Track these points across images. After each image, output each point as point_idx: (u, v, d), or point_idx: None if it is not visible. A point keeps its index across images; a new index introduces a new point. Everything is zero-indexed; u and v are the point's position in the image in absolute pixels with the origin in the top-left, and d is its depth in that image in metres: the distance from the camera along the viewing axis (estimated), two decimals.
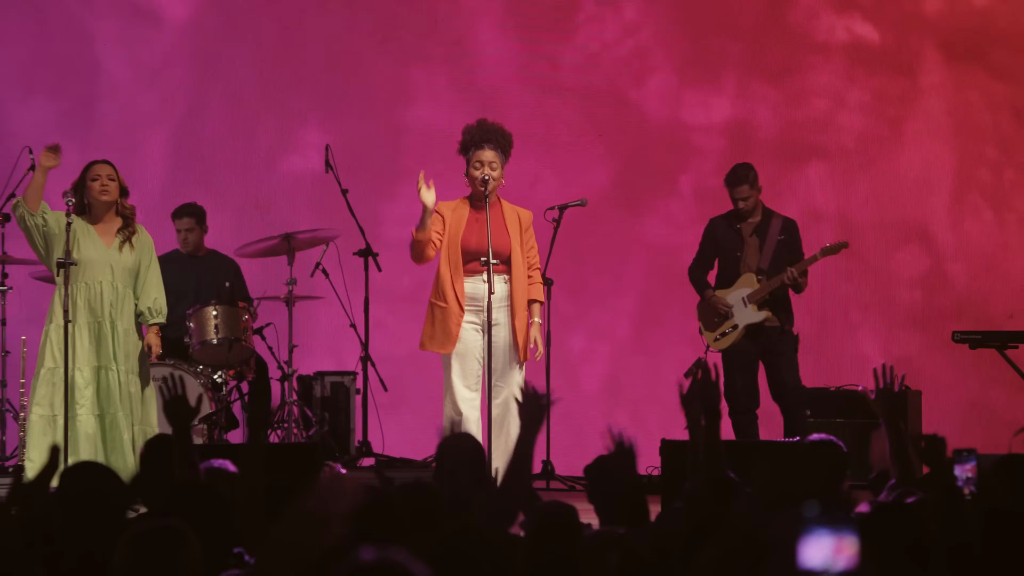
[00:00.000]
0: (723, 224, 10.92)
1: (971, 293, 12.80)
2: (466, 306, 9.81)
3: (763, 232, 10.75)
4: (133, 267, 9.88)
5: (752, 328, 10.71)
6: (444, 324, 9.73)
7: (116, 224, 9.86)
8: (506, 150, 9.90)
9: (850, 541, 3.23)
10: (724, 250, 10.90)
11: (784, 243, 10.76)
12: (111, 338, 9.75)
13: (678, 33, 13.42)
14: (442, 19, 13.43)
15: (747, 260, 10.75)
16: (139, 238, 9.94)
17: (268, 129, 13.37)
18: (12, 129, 13.02)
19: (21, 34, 13.32)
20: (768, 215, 10.85)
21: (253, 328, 11.26)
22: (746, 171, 10.89)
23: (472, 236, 9.79)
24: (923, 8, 13.16)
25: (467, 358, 9.76)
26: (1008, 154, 13.14)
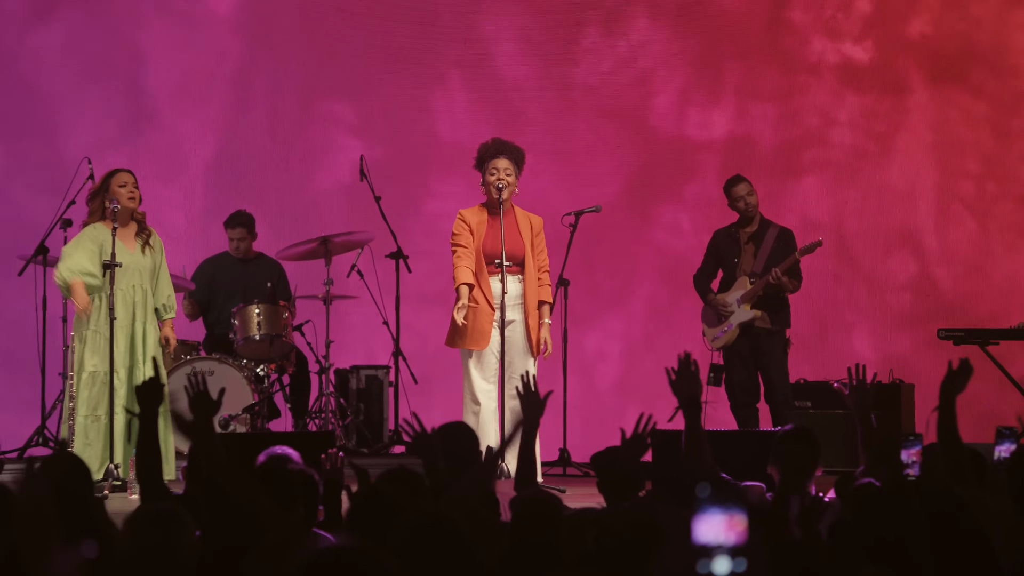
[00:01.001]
0: (723, 234, 11.14)
1: (956, 295, 12.97)
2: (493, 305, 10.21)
3: (759, 239, 10.94)
4: (152, 269, 10.09)
5: (745, 326, 10.86)
6: (477, 322, 9.95)
7: (133, 229, 10.05)
8: (519, 162, 10.14)
9: (739, 519, 3.27)
10: (723, 257, 11.09)
11: (779, 249, 10.95)
12: (142, 339, 9.99)
13: (682, 56, 13.52)
14: (467, 42, 13.44)
15: (743, 265, 10.97)
16: (155, 240, 10.15)
17: (306, 140, 13.45)
18: (68, 137, 13.09)
19: (76, 45, 13.27)
20: (765, 224, 11.02)
21: (293, 325, 11.47)
22: (739, 176, 11.15)
23: (489, 241, 10.03)
24: (908, 32, 13.25)
25: (484, 353, 9.98)
26: (988, 168, 13.25)
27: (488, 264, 10.06)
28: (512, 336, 9.98)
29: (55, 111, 13.40)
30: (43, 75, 13.42)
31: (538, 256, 10.24)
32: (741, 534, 3.24)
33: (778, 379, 10.64)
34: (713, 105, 13.47)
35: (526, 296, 10.07)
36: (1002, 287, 13.00)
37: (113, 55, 13.43)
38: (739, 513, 3.25)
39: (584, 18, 13.58)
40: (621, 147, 13.54)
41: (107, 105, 13.40)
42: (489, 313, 9.99)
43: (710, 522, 3.21)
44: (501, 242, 9.96)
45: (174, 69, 13.53)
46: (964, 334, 11.12)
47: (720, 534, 3.22)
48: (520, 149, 10.23)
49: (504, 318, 9.98)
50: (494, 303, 10.02)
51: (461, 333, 10.03)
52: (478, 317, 9.98)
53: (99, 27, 13.40)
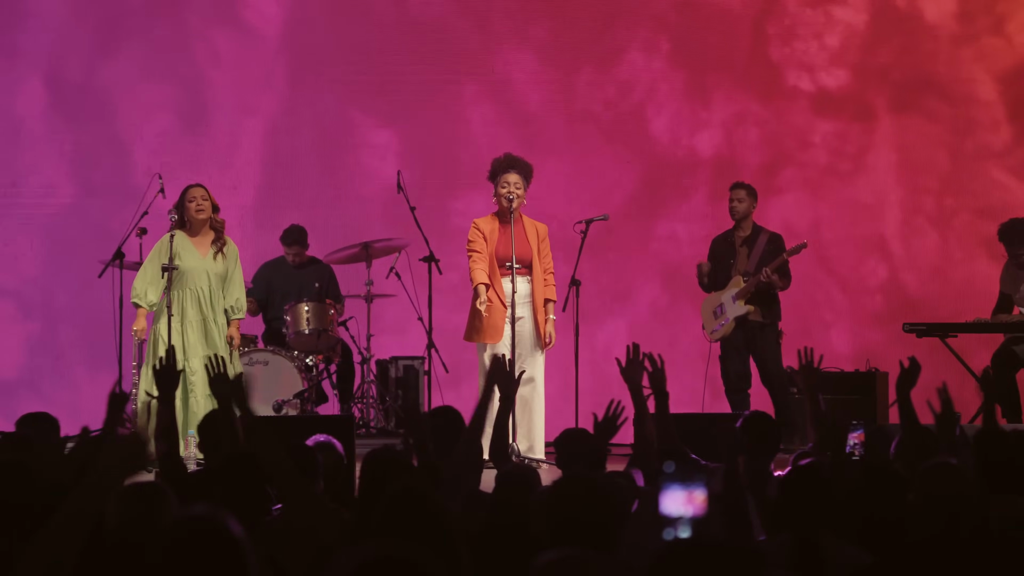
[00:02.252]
0: (720, 239, 11.48)
1: (921, 296, 13.11)
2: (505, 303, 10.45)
3: (751, 243, 11.28)
4: (224, 273, 10.44)
5: (739, 320, 11.17)
6: (491, 319, 10.29)
7: (210, 237, 10.43)
8: (527, 176, 10.46)
9: (700, 493, 3.39)
10: (720, 259, 11.41)
11: (769, 252, 11.26)
12: (216, 331, 10.39)
13: (674, 86, 13.62)
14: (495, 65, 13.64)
15: (737, 265, 11.29)
16: (228, 248, 10.51)
17: (349, 157, 13.57)
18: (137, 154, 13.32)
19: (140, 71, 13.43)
20: (757, 230, 11.34)
21: (339, 321, 11.83)
22: (738, 183, 11.56)
23: (501, 246, 10.38)
24: (873, 64, 13.42)
25: (498, 346, 10.30)
26: (946, 185, 13.41)
27: (500, 267, 10.37)
28: (522, 331, 10.30)
29: (124, 129, 13.41)
30: (112, 98, 13.40)
31: (544, 259, 10.50)
32: (701, 506, 3.39)
33: (773, 367, 10.95)
34: (703, 129, 13.60)
35: (534, 295, 10.36)
36: (960, 289, 13.05)
37: (173, 77, 13.45)
38: (700, 488, 3.39)
39: (591, 53, 13.62)
40: (622, 164, 13.58)
41: (169, 122, 13.46)
42: (502, 310, 10.31)
43: (674, 495, 3.36)
44: (512, 247, 10.28)
45: (227, 91, 13.56)
46: (926, 328, 11.28)
47: (682, 506, 3.37)
48: (529, 164, 10.51)
49: (515, 315, 10.30)
50: (506, 301, 10.34)
51: (477, 328, 10.34)
52: (492, 314, 10.29)
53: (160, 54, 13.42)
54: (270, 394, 11.18)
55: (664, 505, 3.39)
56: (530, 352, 10.38)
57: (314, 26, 13.56)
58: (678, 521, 3.36)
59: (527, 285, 10.37)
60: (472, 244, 10.50)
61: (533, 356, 10.39)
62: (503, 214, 10.34)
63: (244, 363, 11.11)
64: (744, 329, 11.20)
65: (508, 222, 10.31)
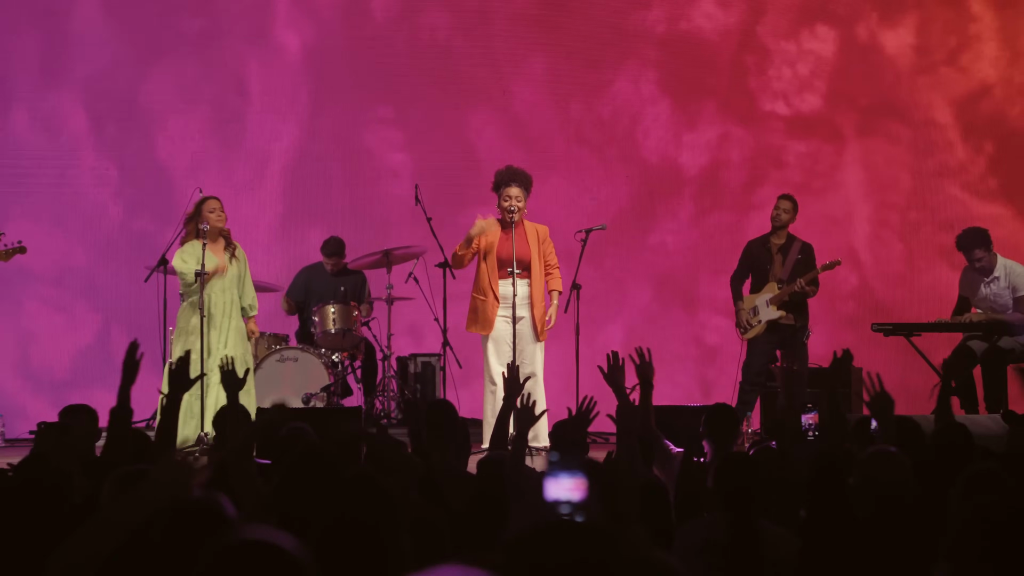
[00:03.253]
0: (757, 243, 11.42)
1: (888, 301, 13.32)
2: (500, 301, 10.51)
3: (786, 251, 11.28)
4: (238, 276, 10.69)
5: (772, 323, 11.16)
6: (484, 312, 10.48)
7: (221, 244, 10.65)
8: (527, 187, 10.57)
9: (581, 481, 3.39)
10: (757, 264, 11.38)
11: (801, 261, 11.27)
12: (227, 331, 10.61)
13: (666, 109, 13.77)
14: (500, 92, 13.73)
15: (773, 272, 11.27)
16: (239, 252, 10.74)
17: (369, 171, 13.63)
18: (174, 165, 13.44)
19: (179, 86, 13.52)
20: (791, 239, 11.34)
21: (362, 321, 11.91)
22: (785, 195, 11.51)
23: (502, 250, 10.51)
24: (842, 91, 13.63)
25: (500, 342, 10.48)
26: (909, 200, 13.64)
27: (500, 269, 10.51)
28: (522, 329, 10.47)
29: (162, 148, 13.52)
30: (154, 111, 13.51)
31: (548, 257, 10.66)
32: (583, 491, 3.38)
33: (800, 367, 10.94)
34: (688, 149, 13.78)
35: (532, 296, 10.50)
36: (924, 294, 13.22)
37: (207, 100, 13.54)
38: (580, 475, 3.38)
39: (586, 81, 13.79)
40: (624, 171, 13.70)
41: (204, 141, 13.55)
42: (495, 305, 10.48)
43: (558, 482, 3.37)
44: (512, 251, 10.41)
45: (257, 114, 13.66)
46: (892, 328, 11.29)
47: (566, 492, 3.38)
48: (528, 175, 10.65)
49: (515, 315, 10.43)
50: (500, 299, 10.48)
51: (473, 320, 10.57)
52: (486, 308, 10.51)
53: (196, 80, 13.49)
54: (300, 387, 11.31)
55: (549, 491, 3.43)
56: (530, 347, 10.55)
57: (335, 55, 13.65)
58: (562, 505, 3.40)
59: (526, 288, 10.51)
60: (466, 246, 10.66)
61: (533, 351, 10.54)
62: (505, 222, 10.55)
63: (276, 360, 11.39)
64: (776, 331, 11.24)
65: (509, 229, 10.49)
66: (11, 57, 13.52)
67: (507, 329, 10.48)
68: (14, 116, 13.53)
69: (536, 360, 10.57)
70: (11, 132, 13.52)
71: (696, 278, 13.74)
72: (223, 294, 10.69)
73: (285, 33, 13.73)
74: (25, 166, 13.53)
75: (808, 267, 11.25)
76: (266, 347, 11.52)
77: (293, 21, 13.72)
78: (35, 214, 13.30)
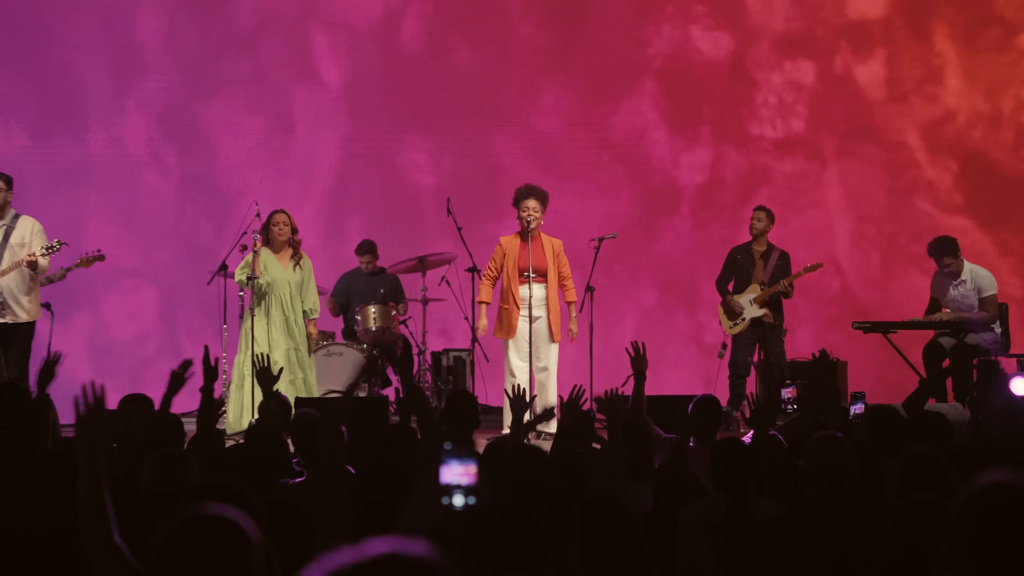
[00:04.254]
0: (741, 250, 11.64)
1: (868, 305, 13.29)
2: (520, 305, 10.64)
3: (767, 257, 11.54)
4: (300, 282, 10.87)
5: (755, 320, 11.44)
6: (508, 320, 10.66)
7: (289, 253, 10.85)
8: (544, 201, 10.72)
9: (471, 467, 3.44)
10: (740, 268, 11.60)
11: (780, 266, 11.51)
12: (295, 328, 10.84)
13: (669, 131, 13.89)
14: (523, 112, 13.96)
15: (756, 275, 11.52)
16: (304, 262, 10.91)
17: (405, 186, 13.80)
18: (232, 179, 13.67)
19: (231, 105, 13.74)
20: (771, 247, 11.58)
21: (400, 320, 11.97)
22: (760, 206, 11.78)
23: (521, 258, 10.68)
24: (823, 116, 13.72)
25: (518, 339, 10.66)
26: (885, 214, 13.69)
27: (520, 275, 10.67)
28: (538, 327, 10.65)
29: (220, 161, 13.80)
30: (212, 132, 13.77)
31: (562, 268, 10.77)
32: (473, 476, 3.44)
33: (778, 360, 11.12)
34: (687, 168, 13.89)
35: (548, 298, 10.67)
36: (899, 298, 13.20)
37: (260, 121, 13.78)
38: (471, 462, 3.44)
39: (598, 106, 13.89)
40: (632, 183, 13.83)
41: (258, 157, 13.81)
42: (516, 311, 10.62)
43: (451, 468, 3.45)
44: (529, 260, 10.63)
45: (304, 135, 13.87)
46: (871, 326, 11.37)
47: (458, 477, 3.44)
48: (544, 191, 10.78)
49: (532, 315, 10.60)
50: (520, 304, 10.62)
51: (499, 327, 10.71)
52: (510, 315, 10.64)
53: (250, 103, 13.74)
54: (344, 379, 10.99)
55: (443, 476, 3.45)
56: (545, 345, 10.72)
57: (370, 84, 13.82)
58: (454, 489, 3.42)
59: (543, 290, 10.67)
60: (491, 262, 10.88)
61: (548, 348, 10.71)
62: (524, 233, 10.67)
63: (323, 355, 11.43)
64: (758, 328, 11.43)
65: (527, 239, 10.64)
66: (87, 86, 13.72)
67: (525, 328, 10.62)
68: (91, 138, 13.72)
69: (550, 356, 10.74)
70: (89, 151, 13.70)
71: (696, 283, 13.62)
72: (280, 300, 10.85)
73: (325, 63, 13.87)
74: (101, 182, 13.74)
75: (785, 272, 11.44)
76: (315, 344, 11.40)
77: (332, 52, 13.87)
78: (111, 222, 13.48)
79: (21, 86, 13.64)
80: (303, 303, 10.95)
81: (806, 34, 13.89)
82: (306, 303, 10.97)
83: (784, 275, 11.50)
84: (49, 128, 13.63)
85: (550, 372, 10.72)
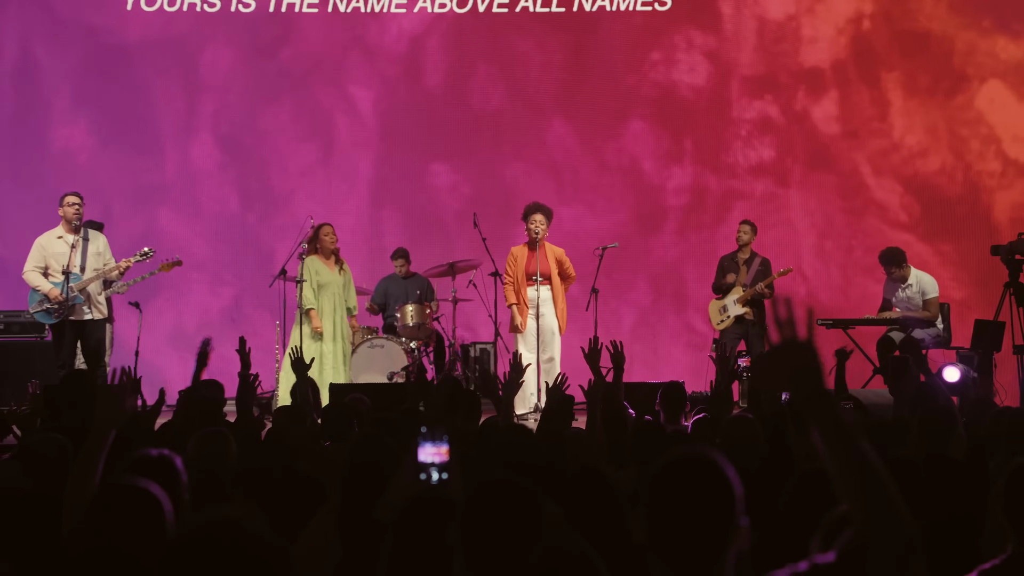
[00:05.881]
0: (728, 258, 11.91)
1: (830, 305, 13.43)
2: (528, 305, 11.02)
3: (750, 263, 11.79)
4: (344, 283, 11.31)
5: (738, 318, 11.67)
6: (520, 317, 11.12)
7: (333, 259, 11.30)
8: (548, 216, 11.13)
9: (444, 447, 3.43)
10: (727, 273, 11.85)
11: (760, 271, 11.73)
12: (342, 323, 11.34)
13: (662, 150, 14.09)
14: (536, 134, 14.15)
15: (739, 279, 11.76)
16: (345, 266, 11.35)
17: (437, 202, 13.95)
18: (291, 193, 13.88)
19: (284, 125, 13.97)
20: (753, 255, 11.81)
21: (433, 317, 12.21)
22: (746, 220, 12.09)
23: (529, 265, 11.07)
24: (788, 145, 14.01)
25: (527, 333, 11.05)
26: (845, 230, 13.94)
27: (529, 279, 11.05)
28: (544, 322, 11.06)
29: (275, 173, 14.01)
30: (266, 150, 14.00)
31: (567, 271, 11.17)
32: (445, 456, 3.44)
33: (756, 354, 11.29)
34: (676, 188, 14.14)
35: (554, 298, 11.11)
36: (857, 301, 13.39)
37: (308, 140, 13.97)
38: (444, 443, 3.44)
39: (601, 133, 14.12)
40: (630, 198, 13.97)
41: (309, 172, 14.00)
42: (526, 311, 11.03)
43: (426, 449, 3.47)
44: (536, 266, 10.99)
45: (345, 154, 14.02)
46: (833, 322, 11.75)
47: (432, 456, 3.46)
48: (549, 208, 11.13)
49: (539, 312, 10.99)
50: (529, 304, 10.98)
51: (513, 324, 11.13)
52: (522, 314, 11.09)
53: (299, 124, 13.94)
54: (385, 368, 11.58)
55: (419, 455, 3.45)
56: (550, 338, 11.10)
57: (399, 109, 14.07)
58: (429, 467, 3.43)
59: (548, 291, 11.10)
60: (507, 272, 11.19)
61: (552, 340, 11.09)
62: (532, 243, 11.05)
63: (367, 346, 11.64)
64: (741, 324, 11.67)
65: (535, 248, 11.01)
66: (161, 108, 13.98)
67: (533, 325, 10.99)
68: (167, 157, 14.00)
69: (554, 345, 11.08)
70: (164, 169, 13.94)
71: (684, 283, 13.84)
72: (332, 298, 11.24)
73: (361, 95, 14.06)
74: (177, 195, 13.97)
75: (766, 276, 11.66)
76: (361, 337, 11.86)
77: (367, 85, 14.08)
78: (185, 229, 13.66)
79: (109, 112, 13.85)
80: (346, 302, 11.38)
81: (770, 77, 14.02)
82: (349, 302, 11.37)
83: (764, 278, 11.67)
84: (131, 146, 13.80)
85: (555, 361, 10.96)
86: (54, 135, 13.83)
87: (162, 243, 12.33)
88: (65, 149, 13.79)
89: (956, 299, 13.18)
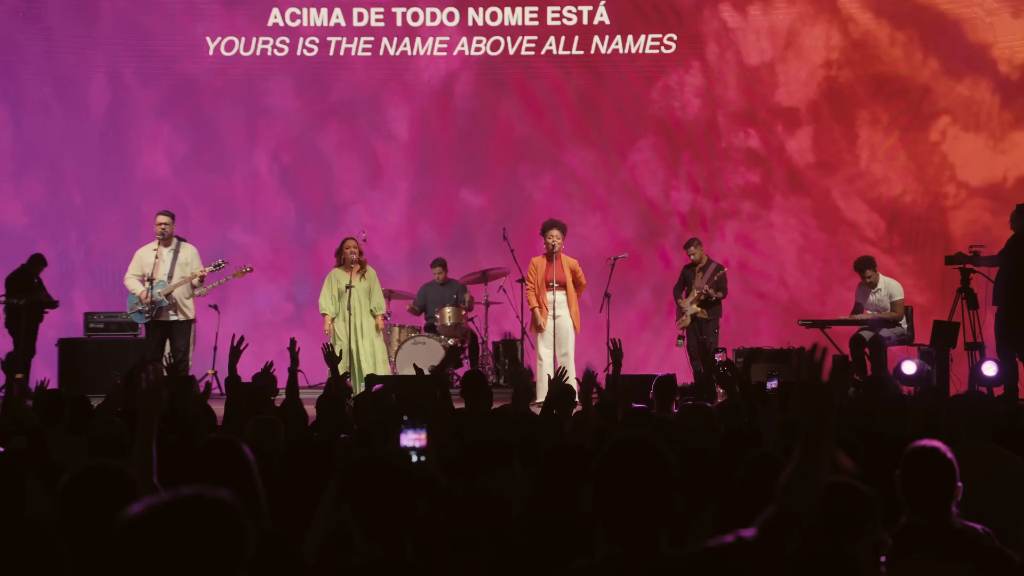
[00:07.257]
0: (688, 267, 12.31)
1: (810, 311, 13.57)
2: (547, 307, 11.26)
3: (705, 270, 12.11)
4: (366, 288, 11.50)
5: (693, 317, 12.08)
6: (542, 318, 11.34)
7: (356, 268, 11.47)
8: (563, 230, 11.36)
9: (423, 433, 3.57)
10: (687, 279, 12.22)
11: (715, 280, 12.07)
12: (361, 327, 11.47)
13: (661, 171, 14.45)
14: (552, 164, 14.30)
15: (695, 284, 12.14)
16: (367, 272, 11.50)
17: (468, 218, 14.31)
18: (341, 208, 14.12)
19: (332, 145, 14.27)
20: (709, 262, 12.15)
21: (468, 318, 12.70)
22: (692, 239, 12.38)
23: (548, 274, 11.30)
24: (771, 170, 14.31)
25: (546, 334, 11.31)
26: (819, 244, 14.32)
27: (547, 286, 11.30)
28: (560, 322, 11.32)
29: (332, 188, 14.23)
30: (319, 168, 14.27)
31: (579, 279, 11.43)
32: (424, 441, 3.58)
33: (710, 347, 10.66)
34: (676, 206, 14.56)
35: (569, 300, 11.36)
36: (834, 306, 13.70)
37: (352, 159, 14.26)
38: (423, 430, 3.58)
39: (610, 155, 14.39)
40: (630, 221, 14.26)
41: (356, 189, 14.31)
42: (546, 313, 11.28)
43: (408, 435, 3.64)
44: (553, 275, 11.27)
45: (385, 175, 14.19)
46: (812, 322, 11.93)
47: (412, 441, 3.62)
48: (564, 223, 11.39)
49: (555, 314, 11.25)
50: (547, 306, 11.25)
51: (533, 325, 11.34)
52: (542, 315, 11.32)
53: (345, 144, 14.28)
54: (427, 361, 11.18)
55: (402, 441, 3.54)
56: (565, 336, 11.35)
57: (432, 133, 14.46)
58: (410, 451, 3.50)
59: (563, 296, 11.40)
60: (528, 280, 11.49)
61: (567, 338, 11.35)
62: (549, 254, 11.34)
63: (411, 343, 12.03)
64: (697, 322, 12.07)
65: (552, 259, 11.32)
66: (223, 130, 14.49)
67: (550, 325, 11.35)
68: (233, 175, 14.41)
69: (569, 342, 11.37)
70: (231, 183, 14.43)
71: None
72: (358, 301, 11.60)
73: (399, 123, 14.56)
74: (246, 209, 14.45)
75: (720, 283, 12.07)
76: (406, 335, 12.39)
77: (404, 113, 14.56)
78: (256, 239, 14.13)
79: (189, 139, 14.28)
80: (370, 302, 11.61)
81: (751, 113, 14.44)
82: (372, 302, 11.56)
83: (718, 286, 12.03)
84: (202, 166, 14.23)
85: (569, 357, 11.34)
86: (143, 161, 14.37)
87: (233, 255, 12.80)
88: (150, 172, 14.23)
89: (918, 303, 13.34)
